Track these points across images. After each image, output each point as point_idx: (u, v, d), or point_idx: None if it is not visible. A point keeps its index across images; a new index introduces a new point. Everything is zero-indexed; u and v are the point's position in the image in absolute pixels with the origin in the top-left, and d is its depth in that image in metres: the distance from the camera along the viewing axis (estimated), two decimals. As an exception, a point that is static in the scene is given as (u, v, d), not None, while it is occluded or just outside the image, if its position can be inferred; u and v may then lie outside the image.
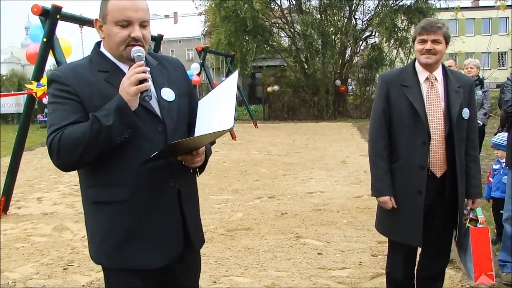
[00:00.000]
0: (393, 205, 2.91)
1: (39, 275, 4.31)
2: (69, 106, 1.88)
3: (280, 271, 4.22)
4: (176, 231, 2.06)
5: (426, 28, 2.83)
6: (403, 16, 20.70)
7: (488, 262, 2.97)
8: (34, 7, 5.70)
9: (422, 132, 2.83)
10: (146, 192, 1.97)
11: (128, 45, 1.93)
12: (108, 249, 2.00)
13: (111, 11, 1.92)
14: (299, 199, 6.79)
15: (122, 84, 1.86)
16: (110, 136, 1.82)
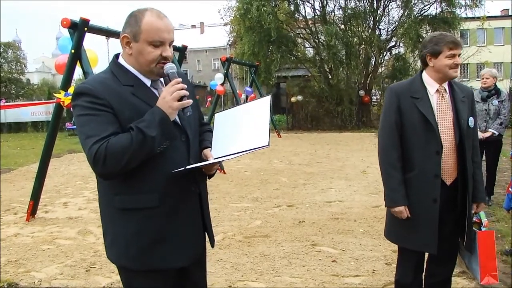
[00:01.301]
0: (408, 214, 2.98)
1: (63, 276, 4.50)
2: (105, 118, 1.97)
3: (294, 277, 4.31)
4: (198, 232, 2.25)
5: (456, 43, 2.91)
6: (428, 26, 20.57)
7: (493, 263, 3.04)
8: (64, 20, 5.96)
9: (435, 142, 2.91)
10: (173, 198, 2.11)
11: (158, 62, 2.06)
12: (135, 252, 2.10)
13: (146, 30, 2.02)
14: (317, 208, 6.87)
15: (163, 98, 2.01)
16: (153, 146, 1.96)
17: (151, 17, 2.04)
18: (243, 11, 19.69)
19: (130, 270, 2.15)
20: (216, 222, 6.17)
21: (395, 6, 21.24)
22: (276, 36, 19.57)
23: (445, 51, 2.89)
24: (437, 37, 2.97)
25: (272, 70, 20.73)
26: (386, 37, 22.04)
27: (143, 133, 1.93)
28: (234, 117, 2.31)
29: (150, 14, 2.05)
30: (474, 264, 3.09)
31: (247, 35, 20.28)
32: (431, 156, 2.92)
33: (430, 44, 2.97)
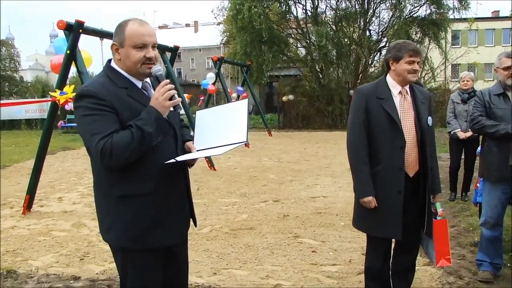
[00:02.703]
0: (376, 204, 3.29)
1: (59, 264, 4.79)
2: (109, 117, 2.25)
3: (275, 265, 4.62)
4: (185, 215, 2.59)
5: (416, 51, 3.24)
6: (418, 28, 20.95)
7: (446, 248, 3.38)
8: (59, 22, 6.24)
9: (399, 139, 3.23)
10: (165, 185, 2.42)
11: (144, 63, 2.35)
12: (133, 234, 2.37)
13: (130, 36, 2.32)
14: (302, 203, 7.19)
15: (156, 99, 2.31)
16: (150, 140, 2.27)
17: (133, 25, 2.34)
18: (235, 11, 20.00)
19: (128, 251, 2.41)
20: (204, 216, 6.48)
21: (385, 8, 21.60)
22: (268, 37, 19.88)
23: (405, 57, 3.21)
24: (401, 44, 3.30)
25: (264, 69, 21.01)
26: (377, 38, 22.41)
27: (142, 130, 2.22)
28: (215, 115, 2.61)
29: (132, 23, 2.35)
30: (430, 249, 3.42)
31: (239, 35, 20.60)
32: (396, 151, 3.23)
33: (394, 49, 3.30)
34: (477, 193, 5.10)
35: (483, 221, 4.22)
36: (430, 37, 20.94)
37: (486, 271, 4.19)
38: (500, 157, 3.98)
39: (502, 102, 4.01)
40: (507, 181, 4.00)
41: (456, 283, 4.14)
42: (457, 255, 4.82)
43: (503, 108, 3.99)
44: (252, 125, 23.57)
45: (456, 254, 4.86)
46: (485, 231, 4.21)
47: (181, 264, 2.74)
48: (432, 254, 3.39)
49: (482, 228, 4.25)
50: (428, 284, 4.10)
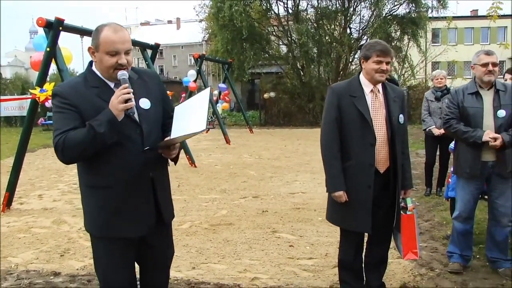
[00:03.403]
0: (346, 198, 3.41)
1: (39, 260, 4.84)
2: (70, 115, 2.44)
3: (253, 259, 4.74)
4: (150, 210, 2.66)
5: (384, 51, 3.33)
6: (397, 26, 21.23)
7: (413, 242, 3.52)
8: (39, 20, 6.25)
9: (370, 136, 3.35)
10: (126, 180, 2.54)
11: (116, 68, 2.48)
12: (99, 223, 2.60)
13: (103, 43, 2.45)
14: (281, 199, 7.32)
15: (112, 101, 2.42)
16: (103, 139, 2.39)
17: (108, 31, 2.46)
18: (216, 9, 20.05)
19: (95, 237, 2.67)
20: (184, 212, 6.57)
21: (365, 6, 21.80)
22: (248, 34, 19.95)
23: (373, 57, 3.32)
24: (370, 44, 3.42)
25: (245, 67, 21.08)
26: (358, 36, 22.63)
27: (94, 130, 2.36)
28: (185, 108, 2.73)
29: (107, 29, 2.47)
30: (399, 243, 3.56)
31: (220, 32, 20.66)
32: (367, 148, 3.35)
33: (365, 49, 3.42)
34: (448, 188, 5.27)
35: (456, 215, 4.36)
36: (409, 35, 21.22)
37: (456, 263, 4.35)
38: (472, 154, 4.12)
39: (474, 101, 4.11)
40: (480, 177, 4.17)
41: (428, 274, 4.29)
42: (430, 248, 4.98)
43: (475, 107, 4.10)
44: (234, 122, 23.66)
45: (429, 247, 5.03)
46: (457, 224, 4.36)
47: (157, 257, 2.85)
48: (400, 247, 3.54)
49: (455, 222, 4.40)
50: (401, 276, 4.25)
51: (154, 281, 2.93)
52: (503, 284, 4.04)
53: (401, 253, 3.57)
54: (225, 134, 14.85)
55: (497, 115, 4.04)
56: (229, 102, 20.80)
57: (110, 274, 2.68)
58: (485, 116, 4.08)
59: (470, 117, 4.12)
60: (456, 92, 4.29)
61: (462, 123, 4.16)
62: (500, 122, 4.03)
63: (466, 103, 4.16)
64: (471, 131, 4.05)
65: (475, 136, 4.01)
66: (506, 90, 4.10)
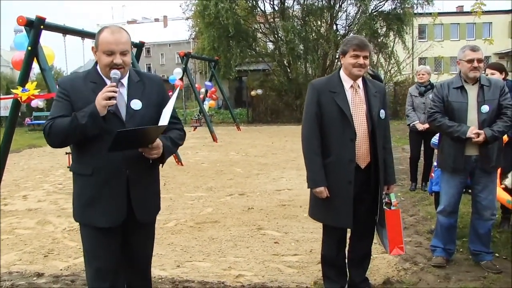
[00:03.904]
0: (327, 194, 3.41)
1: (22, 261, 4.78)
2: (63, 104, 2.68)
3: (238, 257, 4.73)
4: (120, 205, 2.74)
5: (360, 46, 3.34)
6: (383, 22, 21.31)
7: (399, 237, 3.53)
8: (20, 18, 6.19)
9: (350, 131, 3.35)
10: (103, 172, 2.69)
11: (111, 67, 2.66)
12: (77, 208, 2.81)
13: (101, 43, 2.67)
14: (267, 196, 7.33)
15: (97, 97, 2.58)
16: (83, 130, 2.57)
17: (106, 33, 2.68)
18: (202, 7, 19.98)
19: (79, 222, 2.86)
20: (170, 210, 6.55)
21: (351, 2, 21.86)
22: (235, 32, 19.94)
23: (350, 52, 3.34)
24: (348, 39, 3.44)
25: (232, 64, 21.05)
26: (344, 33, 22.68)
27: (77, 120, 2.55)
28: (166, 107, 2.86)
29: (106, 31, 2.70)
30: (384, 238, 3.57)
31: (206, 30, 20.62)
32: (346, 143, 3.35)
33: (342, 44, 3.44)
34: (432, 183, 5.30)
35: (441, 209, 4.39)
36: (394, 31, 21.31)
37: (439, 257, 4.38)
38: (456, 148, 4.15)
39: (459, 96, 4.14)
40: (464, 171, 4.19)
41: (411, 268, 4.32)
42: (414, 242, 5.02)
43: (459, 101, 4.13)
44: (221, 120, 23.62)
45: (414, 241, 5.06)
46: (442, 218, 4.39)
47: (135, 257, 2.97)
48: (386, 243, 3.55)
49: (439, 216, 4.43)
50: (385, 271, 4.27)
51: (135, 282, 3.03)
52: (485, 276, 4.07)
53: (387, 248, 3.58)
54: (212, 132, 14.83)
55: (481, 110, 4.08)
56: (216, 100, 20.71)
57: (92, 259, 2.83)
58: (469, 111, 4.12)
59: (455, 112, 4.15)
60: (442, 86, 4.30)
61: (446, 117, 4.18)
62: (484, 117, 4.07)
63: (451, 97, 4.17)
64: (456, 126, 4.08)
65: (459, 131, 4.04)
66: (491, 85, 4.13)
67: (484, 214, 4.24)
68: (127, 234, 2.86)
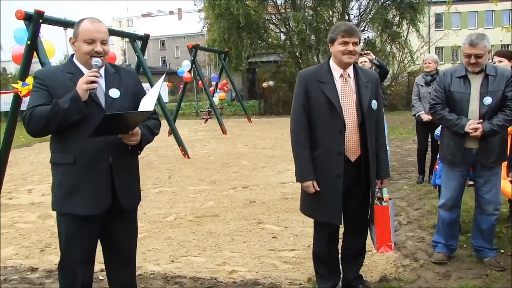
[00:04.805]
0: (316, 188, 3.29)
1: (18, 256, 4.78)
2: (41, 93, 2.72)
3: (234, 252, 4.65)
4: (105, 192, 2.80)
5: (348, 32, 3.19)
6: (395, 11, 20.92)
7: (387, 234, 3.40)
8: (18, 12, 6.15)
9: (338, 122, 3.22)
10: (85, 160, 2.74)
11: (92, 55, 2.75)
12: (58, 198, 2.81)
13: (81, 32, 2.77)
14: (270, 189, 7.23)
15: (79, 82, 2.66)
16: (65, 116, 2.61)
17: (86, 22, 2.79)
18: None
19: (58, 213, 2.88)
20: (171, 204, 6.50)
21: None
22: (245, 23, 19.75)
23: (338, 39, 3.19)
24: (335, 26, 3.30)
25: (242, 56, 20.89)
26: (356, 22, 22.33)
27: (58, 105, 2.59)
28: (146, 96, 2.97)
29: (86, 21, 2.80)
30: (373, 235, 3.45)
31: (216, 22, 20.49)
32: (335, 135, 3.22)
33: (330, 32, 3.29)
34: (435, 175, 5.15)
35: (442, 204, 4.24)
36: (408, 20, 20.89)
37: (440, 253, 4.24)
38: (455, 141, 3.98)
39: (462, 86, 3.93)
40: (464, 164, 4.02)
41: (411, 265, 4.20)
42: (416, 238, 4.89)
43: (461, 92, 3.93)
44: (233, 112, 23.52)
45: (416, 236, 4.94)
46: (443, 213, 4.24)
47: (118, 245, 3.01)
48: (375, 240, 3.43)
49: (440, 210, 4.29)
50: (383, 268, 4.15)
51: (119, 275, 3.07)
52: (488, 274, 3.92)
53: (375, 246, 3.46)
54: (221, 124, 14.74)
55: (483, 102, 3.87)
56: (227, 92, 20.61)
57: (68, 249, 2.86)
58: (471, 102, 3.92)
59: (456, 103, 3.96)
60: (444, 75, 4.10)
61: (447, 109, 4.00)
62: (486, 109, 3.86)
63: (453, 87, 3.97)
64: (455, 119, 3.90)
65: (458, 125, 3.87)
66: (496, 75, 3.89)
67: (487, 209, 4.07)
68: (109, 223, 2.91)
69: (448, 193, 4.18)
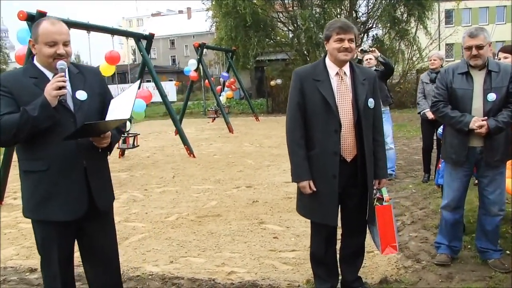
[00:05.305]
0: (313, 189, 3.23)
1: (19, 256, 4.78)
2: (7, 101, 2.59)
3: (234, 252, 4.61)
4: (81, 196, 2.75)
5: (343, 28, 3.13)
6: (403, 8, 20.69)
7: (391, 235, 3.32)
8: (20, 13, 6.15)
9: (334, 122, 3.15)
10: (59, 166, 2.68)
11: (55, 58, 2.64)
12: (32, 206, 2.74)
13: (41, 34, 2.63)
14: (274, 188, 7.17)
15: (46, 88, 2.56)
16: (35, 123, 2.52)
17: (46, 24, 2.66)
18: (219, -2, 19.81)
19: (32, 221, 2.82)
20: (174, 204, 6.47)
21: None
22: (252, 21, 19.65)
23: (333, 36, 3.13)
24: (330, 23, 3.24)
25: (250, 54, 20.80)
26: (364, 20, 22.17)
27: (28, 113, 2.50)
28: (118, 100, 2.90)
29: (45, 22, 2.67)
30: (376, 237, 3.38)
31: (223, 20, 20.44)
32: (330, 135, 3.16)
33: (325, 29, 3.23)
34: (439, 175, 5.06)
35: (445, 204, 4.15)
36: (415, 17, 20.65)
37: (443, 254, 4.16)
38: (459, 139, 3.89)
39: (464, 82, 3.84)
40: (467, 163, 3.93)
41: (413, 267, 4.12)
42: (420, 238, 4.82)
43: (464, 88, 3.83)
44: (241, 111, 23.47)
45: (420, 236, 4.86)
46: (446, 213, 4.15)
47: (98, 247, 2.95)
48: (378, 241, 3.36)
49: (443, 211, 4.19)
50: (384, 269, 4.08)
51: (101, 275, 3.00)
52: (492, 276, 3.84)
53: (379, 248, 3.39)
54: (227, 123, 14.71)
55: (487, 98, 3.78)
56: (235, 91, 20.54)
57: (47, 255, 2.83)
58: (475, 99, 3.82)
59: (459, 100, 3.86)
60: (446, 72, 4.00)
61: (449, 106, 3.91)
62: (490, 106, 3.76)
63: (455, 84, 3.88)
64: (459, 116, 3.80)
65: (462, 122, 3.77)
66: (499, 71, 3.79)
67: (491, 210, 3.98)
68: (85, 226, 2.85)
69: (451, 194, 4.09)
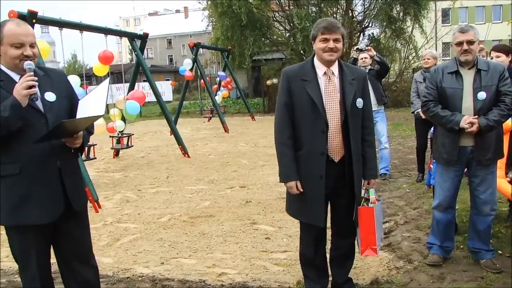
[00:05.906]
0: (300, 189, 3.21)
1: (9, 258, 4.70)
2: None
3: (225, 253, 4.58)
4: (57, 197, 2.73)
5: (328, 28, 3.10)
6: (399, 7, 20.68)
7: (372, 237, 3.30)
8: (11, 13, 6.09)
9: (320, 122, 3.13)
10: (33, 168, 2.64)
11: (21, 59, 2.61)
12: (5, 211, 2.66)
13: (7, 36, 2.60)
14: (268, 188, 7.15)
15: (16, 88, 2.53)
16: (6, 124, 2.48)
17: (11, 25, 2.62)
18: (214, -2, 19.75)
19: (7, 227, 2.75)
20: (166, 205, 6.44)
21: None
22: (248, 20, 19.59)
23: (319, 36, 3.12)
24: (317, 23, 3.21)
25: (246, 54, 20.76)
26: (360, 19, 22.14)
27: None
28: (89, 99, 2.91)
29: (10, 23, 2.64)
30: (358, 237, 3.36)
31: (219, 20, 20.39)
32: (317, 135, 3.13)
33: (312, 29, 3.21)
34: (430, 175, 5.05)
35: (436, 204, 4.14)
36: (411, 16, 20.62)
37: (435, 255, 4.15)
38: (450, 139, 3.87)
39: (454, 81, 3.82)
40: (458, 163, 3.91)
41: (405, 267, 4.10)
42: (412, 238, 4.80)
43: (454, 88, 3.82)
44: (238, 110, 23.44)
45: (412, 237, 4.84)
46: (437, 214, 4.13)
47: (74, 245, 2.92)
48: (359, 242, 3.34)
49: (435, 211, 4.18)
50: (375, 270, 4.06)
51: (78, 274, 2.98)
52: (483, 276, 3.82)
53: (359, 248, 3.37)
54: (223, 123, 14.67)
55: (477, 97, 3.76)
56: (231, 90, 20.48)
57: (25, 260, 2.78)
58: (465, 98, 3.80)
59: (449, 99, 3.84)
60: (436, 71, 3.98)
61: (440, 105, 3.89)
62: (480, 105, 3.74)
63: (445, 83, 3.86)
64: (449, 115, 3.78)
65: (452, 121, 3.75)
66: (489, 70, 3.78)
67: (483, 209, 3.96)
68: (61, 227, 2.82)
69: (443, 194, 4.08)
